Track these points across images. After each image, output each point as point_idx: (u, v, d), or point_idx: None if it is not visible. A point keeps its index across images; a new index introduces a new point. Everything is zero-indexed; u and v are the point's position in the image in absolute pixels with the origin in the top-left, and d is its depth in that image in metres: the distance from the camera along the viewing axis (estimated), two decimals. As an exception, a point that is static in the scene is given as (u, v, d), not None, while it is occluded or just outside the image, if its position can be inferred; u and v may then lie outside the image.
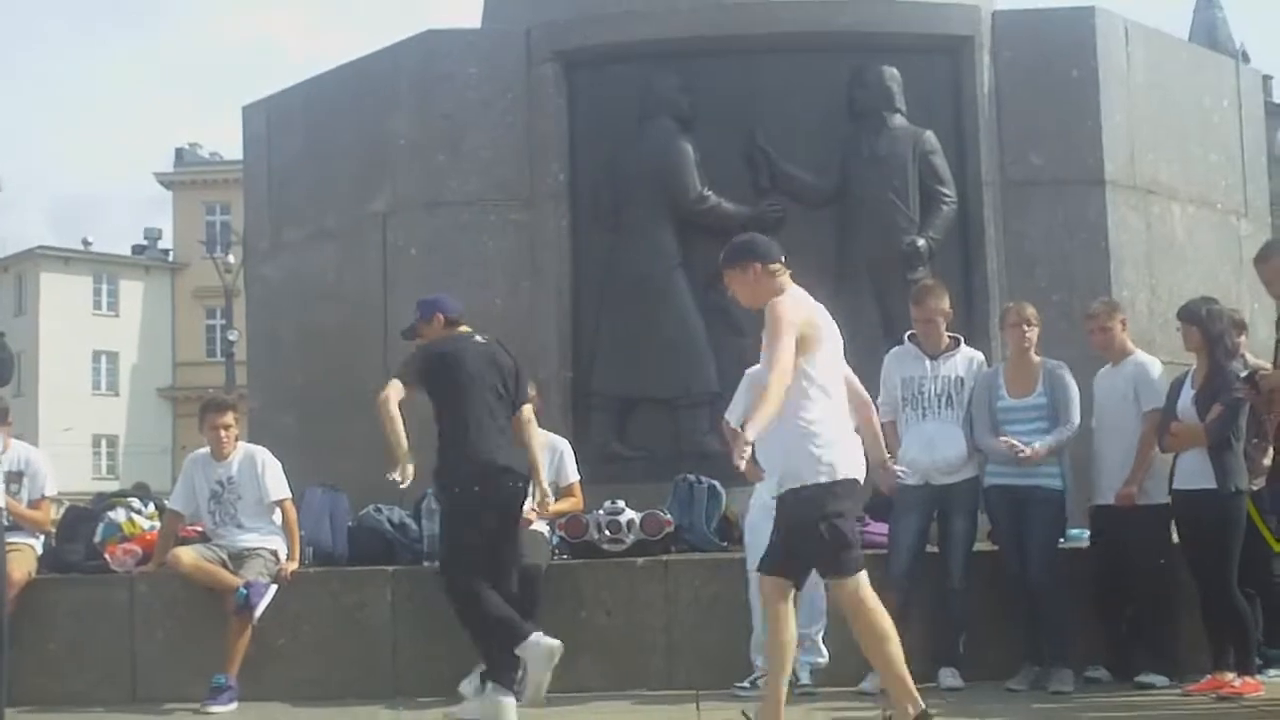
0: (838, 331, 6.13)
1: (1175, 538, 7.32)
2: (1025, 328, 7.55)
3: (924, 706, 5.69)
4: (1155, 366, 7.62)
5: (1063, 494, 7.45)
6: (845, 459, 5.85)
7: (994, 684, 7.20)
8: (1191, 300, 7.49)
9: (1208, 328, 7.15)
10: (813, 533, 5.72)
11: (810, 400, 5.83)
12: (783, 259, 6.03)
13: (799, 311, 5.89)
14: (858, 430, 6.14)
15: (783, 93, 9.59)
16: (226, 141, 66.32)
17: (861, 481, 6.00)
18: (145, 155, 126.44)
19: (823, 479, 5.75)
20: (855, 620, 5.83)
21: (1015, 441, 7.32)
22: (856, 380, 6.36)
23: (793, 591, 5.85)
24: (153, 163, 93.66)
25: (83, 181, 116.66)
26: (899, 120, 9.53)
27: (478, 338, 7.27)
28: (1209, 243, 10.23)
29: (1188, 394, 7.18)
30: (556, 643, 6.70)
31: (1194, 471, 7.03)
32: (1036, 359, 7.58)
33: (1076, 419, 7.47)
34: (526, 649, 6.67)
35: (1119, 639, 7.47)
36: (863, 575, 5.79)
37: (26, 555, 7.88)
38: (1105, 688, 7.24)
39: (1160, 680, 7.15)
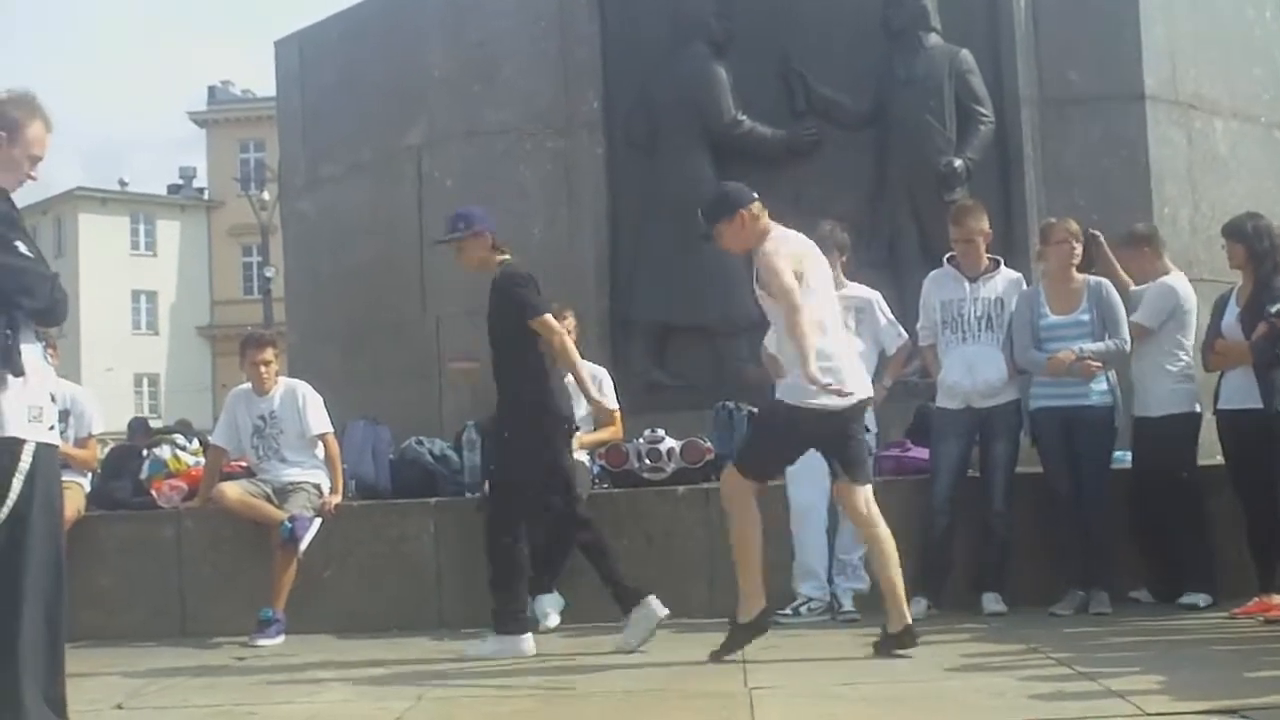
0: (823, 259, 6.51)
1: (1220, 457, 7.28)
2: (1075, 243, 7.45)
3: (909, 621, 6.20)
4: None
5: (1114, 411, 7.38)
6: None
7: (1037, 609, 7.17)
8: (1236, 216, 7.36)
9: (1253, 244, 7.03)
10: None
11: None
12: (757, 198, 6.31)
13: (787, 247, 6.19)
14: None
15: (817, 14, 9.48)
16: (259, 79, 66.34)
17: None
18: (177, 95, 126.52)
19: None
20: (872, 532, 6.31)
21: (1086, 347, 7.25)
22: None
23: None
24: (185, 102, 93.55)
25: (114, 123, 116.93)
26: (934, 39, 9.41)
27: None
28: (1252, 158, 10.07)
29: (1232, 312, 7.08)
30: (531, 650, 6.67)
31: (1239, 391, 6.94)
32: (1079, 276, 7.48)
33: (1127, 334, 7.37)
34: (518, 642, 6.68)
35: (1159, 559, 7.44)
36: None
37: (75, 493, 7.95)
38: (1148, 610, 7.21)
39: (1203, 599, 7.12)
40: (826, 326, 6.20)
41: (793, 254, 6.17)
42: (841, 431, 6.24)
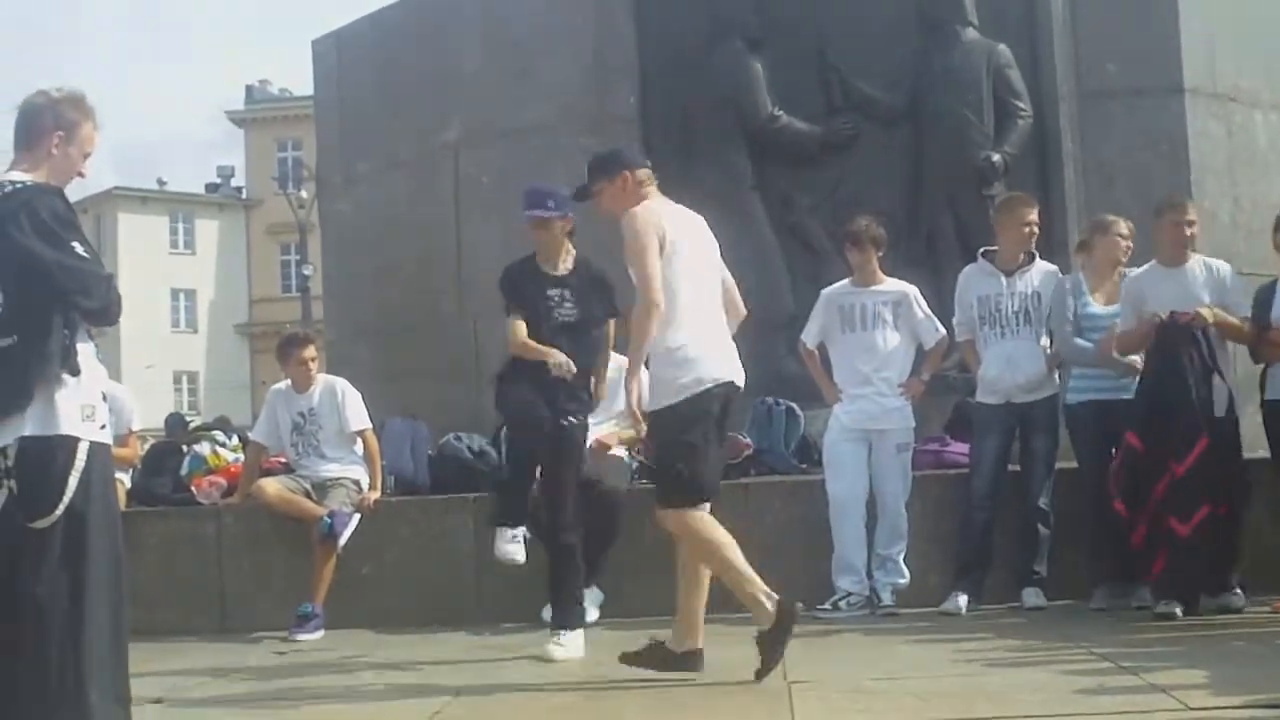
0: (708, 234, 6.04)
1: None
2: (1130, 241, 7.42)
3: (778, 597, 5.64)
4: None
5: None
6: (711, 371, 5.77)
7: (1079, 603, 7.15)
8: None
9: (1303, 236, 6.98)
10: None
11: (672, 320, 5.74)
12: (649, 167, 6.02)
13: (652, 219, 5.77)
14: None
15: (852, 9, 9.46)
16: (297, 78, 66.61)
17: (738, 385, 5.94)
18: (213, 94, 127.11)
19: (679, 399, 5.69)
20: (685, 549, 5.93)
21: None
22: (734, 287, 6.28)
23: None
24: (220, 102, 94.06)
25: (147, 123, 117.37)
26: (971, 33, 9.38)
27: None
28: (1293, 150, 9.99)
29: (1280, 304, 7.03)
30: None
31: (1287, 384, 6.89)
32: (1121, 272, 7.45)
33: None
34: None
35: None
36: (693, 511, 5.79)
37: (117, 490, 8.01)
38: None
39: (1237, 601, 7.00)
40: (696, 306, 5.85)
41: (657, 223, 5.75)
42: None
